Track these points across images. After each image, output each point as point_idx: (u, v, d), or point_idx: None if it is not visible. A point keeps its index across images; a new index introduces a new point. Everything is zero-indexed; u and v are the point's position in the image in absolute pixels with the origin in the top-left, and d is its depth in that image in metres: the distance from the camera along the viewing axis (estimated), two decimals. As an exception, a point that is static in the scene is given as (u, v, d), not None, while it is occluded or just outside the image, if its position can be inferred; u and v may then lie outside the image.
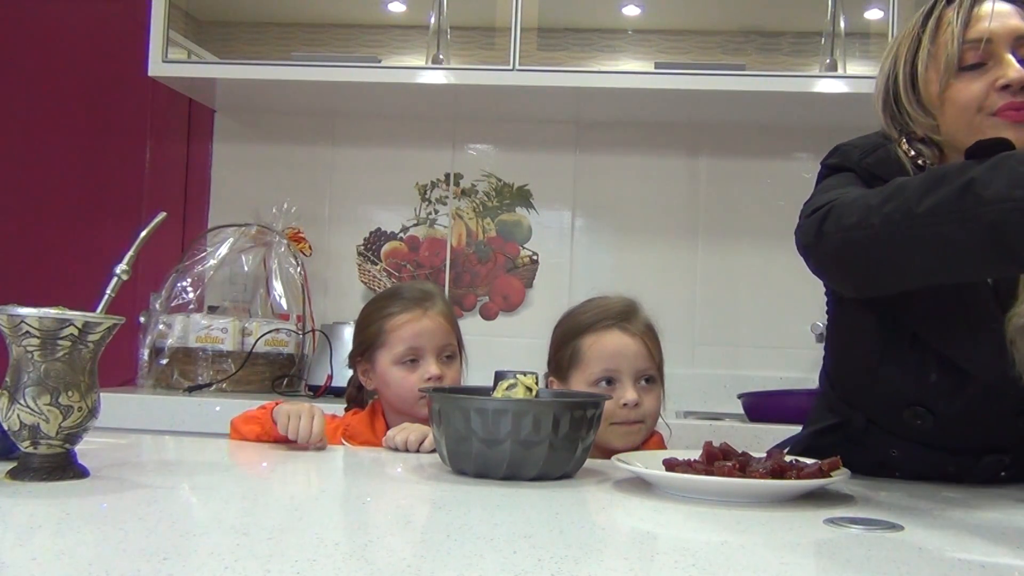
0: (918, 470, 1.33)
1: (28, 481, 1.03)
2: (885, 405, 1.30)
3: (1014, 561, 0.87)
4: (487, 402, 1.20)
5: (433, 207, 2.88)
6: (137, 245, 1.15)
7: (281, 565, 0.72)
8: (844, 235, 1.11)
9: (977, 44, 1.21)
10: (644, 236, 2.81)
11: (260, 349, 2.47)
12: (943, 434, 1.28)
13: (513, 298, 2.84)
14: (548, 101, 2.64)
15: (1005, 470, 1.31)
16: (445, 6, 2.52)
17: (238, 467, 1.39)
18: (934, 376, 1.25)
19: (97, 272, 1.22)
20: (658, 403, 1.62)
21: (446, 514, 1.00)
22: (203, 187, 2.91)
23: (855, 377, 1.36)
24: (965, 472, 1.30)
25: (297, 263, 2.67)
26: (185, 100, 2.84)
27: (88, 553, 0.76)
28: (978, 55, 1.21)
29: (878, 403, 1.32)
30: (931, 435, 1.29)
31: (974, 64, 1.21)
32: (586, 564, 0.78)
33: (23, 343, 1.03)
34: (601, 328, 1.61)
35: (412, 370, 1.64)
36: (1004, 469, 1.31)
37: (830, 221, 1.13)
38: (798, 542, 0.92)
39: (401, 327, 1.65)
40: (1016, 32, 1.21)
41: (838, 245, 1.12)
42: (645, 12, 2.57)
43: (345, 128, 2.90)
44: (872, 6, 2.44)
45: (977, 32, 1.21)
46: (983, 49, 1.21)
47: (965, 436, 1.28)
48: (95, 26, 2.88)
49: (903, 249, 1.06)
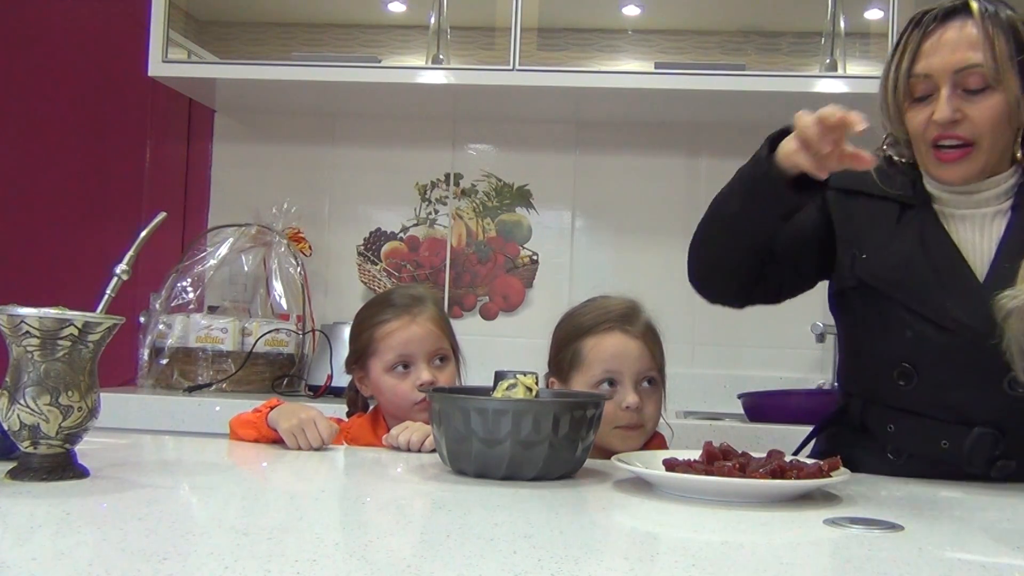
0: (914, 446, 1.36)
1: (28, 481, 1.03)
2: (873, 373, 1.39)
3: (1014, 561, 0.87)
4: (487, 402, 1.20)
5: (433, 207, 2.88)
6: (137, 245, 1.15)
7: (281, 565, 0.72)
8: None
9: (922, 78, 1.32)
10: (644, 236, 2.81)
11: (260, 349, 2.47)
12: (932, 399, 1.33)
13: (513, 298, 2.84)
14: (548, 101, 2.64)
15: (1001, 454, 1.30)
16: (445, 6, 2.52)
17: (238, 467, 1.39)
18: (909, 332, 1.33)
19: (97, 272, 1.22)
20: (659, 406, 1.61)
21: (446, 514, 1.00)
22: (203, 187, 2.91)
23: (851, 359, 1.46)
24: (958, 448, 1.31)
25: (297, 263, 2.67)
26: (185, 100, 2.84)
27: (88, 553, 0.76)
28: (924, 88, 1.33)
29: (868, 375, 1.41)
30: (920, 399, 1.33)
31: (921, 96, 1.33)
32: (586, 564, 0.78)
33: (23, 343, 1.03)
34: (602, 330, 1.60)
35: (404, 377, 1.64)
36: (998, 450, 1.30)
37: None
38: (798, 542, 0.92)
39: (390, 335, 1.65)
40: (956, 66, 1.29)
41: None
42: (645, 12, 2.57)
43: (345, 128, 2.90)
44: (872, 6, 2.44)
45: (920, 67, 1.32)
46: (927, 83, 1.32)
47: (954, 401, 1.31)
48: (95, 26, 2.88)
49: (705, 235, 1.41)
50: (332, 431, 1.45)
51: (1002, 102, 1.30)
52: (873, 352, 1.39)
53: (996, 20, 1.31)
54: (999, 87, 1.29)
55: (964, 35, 1.30)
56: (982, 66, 1.29)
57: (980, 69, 1.29)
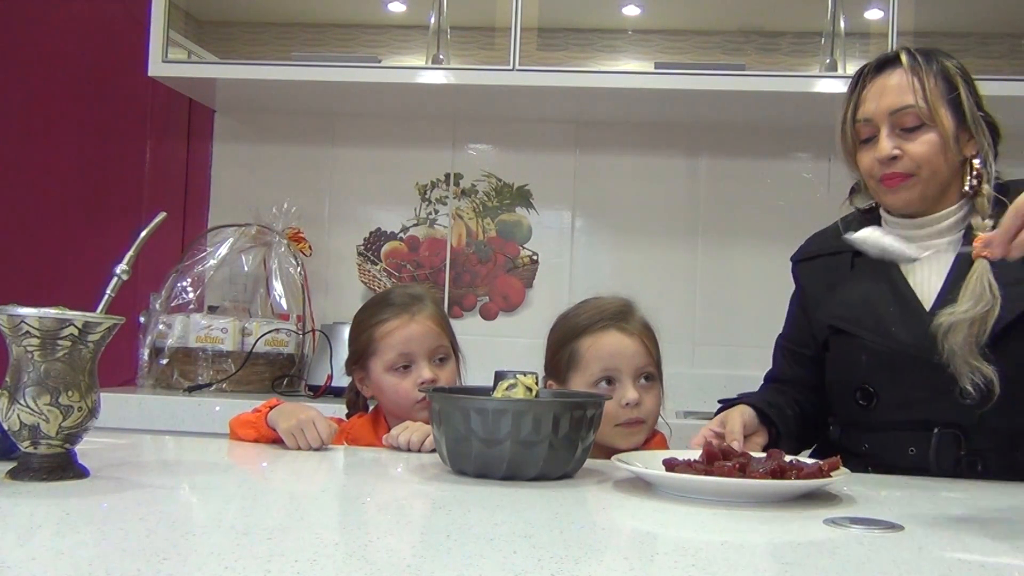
0: (887, 459, 1.45)
1: (28, 481, 1.03)
2: (842, 400, 1.51)
3: (1014, 561, 0.87)
4: (487, 402, 1.20)
5: (433, 207, 2.88)
6: (137, 245, 1.15)
7: (281, 565, 0.72)
8: None
9: (864, 122, 1.49)
10: (644, 236, 2.81)
11: (260, 349, 2.47)
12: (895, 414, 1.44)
13: (513, 298, 2.84)
14: (548, 101, 2.64)
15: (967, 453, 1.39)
16: (445, 6, 2.52)
17: (238, 467, 1.39)
18: (864, 358, 1.46)
19: (97, 272, 1.22)
20: (658, 401, 1.62)
21: (446, 514, 1.00)
22: (203, 187, 2.91)
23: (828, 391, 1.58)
24: (924, 452, 1.40)
25: (297, 263, 2.67)
26: (185, 100, 2.84)
27: (88, 553, 0.76)
28: (867, 131, 1.49)
29: (839, 401, 1.54)
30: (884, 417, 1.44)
31: (867, 139, 1.49)
32: (586, 564, 0.78)
33: (23, 343, 1.03)
34: (598, 329, 1.61)
35: (405, 376, 1.64)
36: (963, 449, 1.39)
37: None
38: (798, 542, 0.92)
39: (390, 334, 1.65)
40: (891, 108, 1.46)
41: None
42: (645, 12, 2.57)
43: (345, 128, 2.90)
44: (872, 6, 2.44)
45: (861, 113, 1.49)
46: (869, 127, 1.48)
47: (915, 413, 1.42)
48: (95, 26, 2.88)
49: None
50: (331, 431, 1.45)
51: (936, 137, 1.44)
52: (840, 380, 1.53)
53: (926, 65, 1.47)
54: (933, 124, 1.44)
55: (897, 81, 1.47)
56: (915, 106, 1.44)
57: (913, 109, 1.44)
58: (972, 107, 1.47)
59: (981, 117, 1.48)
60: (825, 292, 1.57)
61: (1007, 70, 2.39)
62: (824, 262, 1.60)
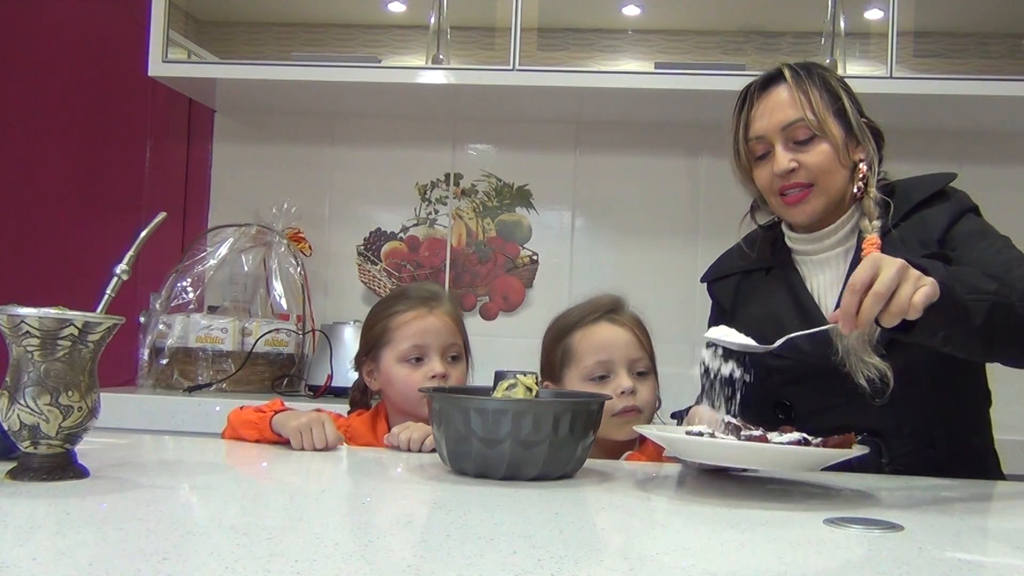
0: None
1: (28, 481, 1.03)
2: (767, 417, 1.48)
3: (1014, 561, 0.87)
4: (487, 402, 1.20)
5: (433, 207, 2.88)
6: (137, 245, 1.15)
7: (281, 565, 0.72)
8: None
9: (756, 140, 1.52)
10: (644, 236, 2.81)
11: (260, 349, 2.47)
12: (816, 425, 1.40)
13: (513, 298, 2.84)
14: (548, 101, 2.64)
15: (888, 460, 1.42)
16: (445, 6, 2.52)
17: (238, 467, 1.39)
18: (776, 375, 1.48)
19: (97, 272, 1.23)
20: (654, 393, 1.62)
21: (446, 514, 1.00)
22: (203, 187, 2.91)
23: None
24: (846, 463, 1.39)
25: (297, 263, 2.67)
26: (185, 100, 2.84)
27: (88, 553, 0.76)
28: (761, 148, 1.53)
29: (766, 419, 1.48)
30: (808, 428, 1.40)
31: (762, 155, 1.53)
32: (586, 564, 0.78)
33: (23, 343, 1.03)
34: (589, 322, 1.63)
35: (416, 368, 1.64)
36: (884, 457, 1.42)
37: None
38: (798, 542, 0.92)
39: (406, 324, 1.65)
40: (782, 123, 1.50)
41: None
42: (645, 12, 2.57)
43: (345, 128, 2.90)
44: (872, 6, 2.43)
45: (753, 131, 1.53)
46: (763, 144, 1.52)
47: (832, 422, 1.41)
48: (95, 26, 2.88)
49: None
50: (338, 439, 1.45)
51: (829, 147, 1.49)
52: (763, 398, 1.52)
53: (809, 79, 1.51)
54: (823, 135, 1.49)
55: (783, 97, 1.51)
56: (804, 119, 1.48)
57: (803, 122, 1.49)
58: (856, 115, 1.52)
59: (864, 123, 1.52)
60: (741, 309, 1.61)
61: (1007, 70, 2.39)
62: (736, 280, 1.64)
